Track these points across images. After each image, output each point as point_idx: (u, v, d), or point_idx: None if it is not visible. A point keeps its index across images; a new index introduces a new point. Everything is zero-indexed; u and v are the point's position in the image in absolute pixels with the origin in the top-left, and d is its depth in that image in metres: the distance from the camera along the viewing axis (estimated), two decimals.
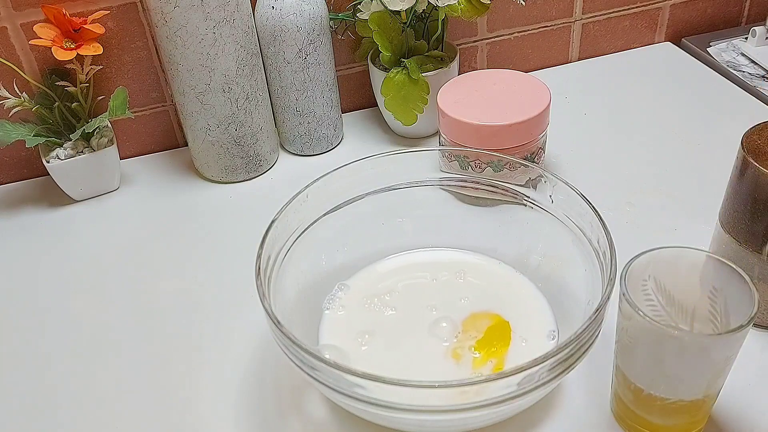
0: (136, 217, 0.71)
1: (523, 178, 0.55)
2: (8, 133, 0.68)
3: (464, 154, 0.59)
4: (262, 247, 0.48)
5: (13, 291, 0.64)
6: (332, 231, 0.56)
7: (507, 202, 0.57)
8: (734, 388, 0.49)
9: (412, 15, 0.70)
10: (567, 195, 0.52)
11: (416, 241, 0.59)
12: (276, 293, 0.49)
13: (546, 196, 0.54)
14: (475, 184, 0.58)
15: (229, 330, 0.57)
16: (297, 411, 0.51)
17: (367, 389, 0.41)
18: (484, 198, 0.58)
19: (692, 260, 0.44)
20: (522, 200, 0.56)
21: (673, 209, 0.65)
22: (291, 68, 0.70)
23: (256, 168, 0.74)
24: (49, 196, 0.74)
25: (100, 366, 0.56)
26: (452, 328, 0.52)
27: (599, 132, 0.77)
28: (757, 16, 0.93)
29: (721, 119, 0.77)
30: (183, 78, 0.67)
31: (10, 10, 0.68)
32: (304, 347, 0.42)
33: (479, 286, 0.56)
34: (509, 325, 0.52)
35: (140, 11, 0.72)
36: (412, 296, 0.56)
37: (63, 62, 0.68)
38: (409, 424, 0.45)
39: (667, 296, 0.46)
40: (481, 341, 0.51)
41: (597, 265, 0.48)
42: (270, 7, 0.68)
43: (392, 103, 0.71)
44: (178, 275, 0.64)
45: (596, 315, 0.42)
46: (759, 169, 0.46)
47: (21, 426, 0.52)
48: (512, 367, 0.40)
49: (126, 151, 0.79)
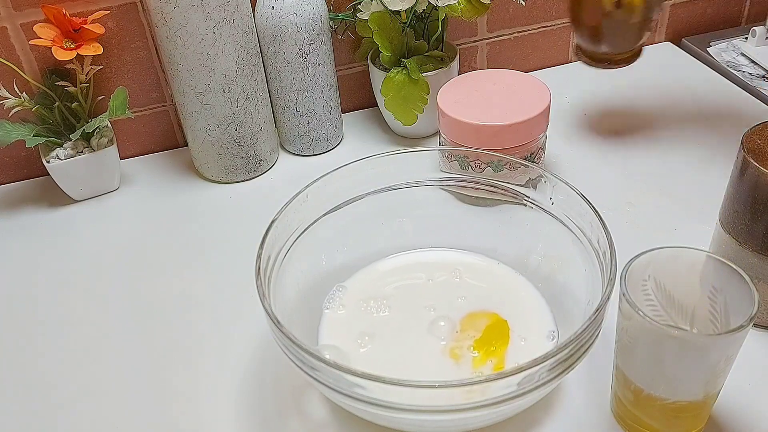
0: (136, 217, 0.71)
1: (523, 178, 0.55)
2: (8, 133, 0.69)
3: (464, 154, 0.59)
4: (262, 247, 0.48)
5: (13, 291, 0.64)
6: (332, 231, 0.56)
7: (507, 202, 0.57)
8: (735, 389, 0.49)
9: (412, 15, 0.70)
10: (567, 195, 0.52)
11: (416, 241, 0.59)
12: (276, 293, 0.49)
13: (546, 197, 0.54)
14: (475, 184, 0.58)
15: (229, 330, 0.57)
16: (297, 411, 0.51)
17: (367, 389, 0.41)
18: (484, 198, 0.58)
19: (692, 260, 0.44)
20: (522, 200, 0.56)
21: (673, 209, 0.65)
22: (291, 68, 0.70)
23: (256, 168, 0.74)
24: (49, 196, 0.74)
25: (100, 366, 0.56)
26: (450, 327, 0.52)
27: (599, 132, 0.77)
28: (757, 16, 0.93)
29: (721, 119, 0.77)
30: (183, 78, 0.67)
31: (10, 10, 0.68)
32: (304, 347, 0.42)
33: (478, 285, 0.56)
34: (507, 324, 0.52)
35: (140, 11, 0.72)
36: (411, 296, 0.56)
37: (63, 62, 0.68)
38: (409, 424, 0.45)
39: (667, 296, 0.46)
40: (479, 340, 0.51)
41: (597, 265, 0.48)
42: (270, 7, 0.68)
43: (392, 103, 0.72)
44: (178, 275, 0.64)
45: (596, 315, 0.42)
46: (759, 169, 0.46)
47: (20, 426, 0.52)
48: (512, 367, 0.40)
49: (126, 151, 0.79)
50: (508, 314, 0.53)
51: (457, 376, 0.49)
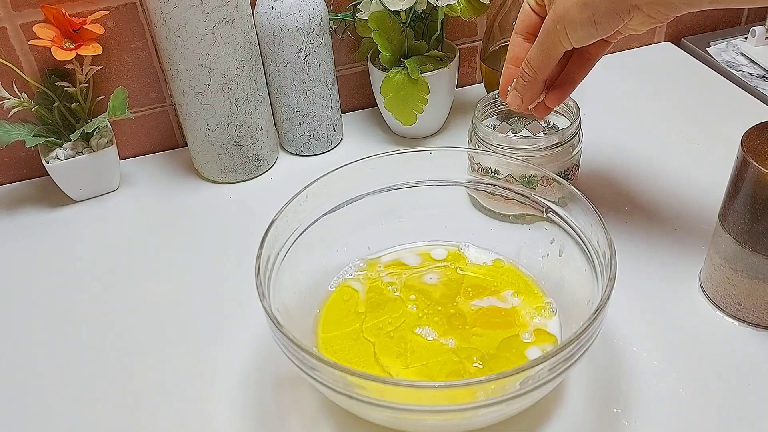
0: (136, 217, 0.71)
1: (555, 195, 0.54)
2: (8, 134, 0.69)
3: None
4: (262, 247, 0.48)
5: (14, 291, 0.64)
6: (332, 231, 0.56)
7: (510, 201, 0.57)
8: (733, 390, 0.49)
9: (412, 15, 0.70)
10: (567, 195, 0.52)
11: (416, 241, 0.59)
12: (276, 293, 0.49)
13: (546, 197, 0.54)
14: (476, 184, 0.58)
15: (229, 330, 0.57)
16: (297, 411, 0.51)
17: (367, 389, 0.41)
18: (486, 198, 0.58)
19: None
20: (525, 202, 0.56)
21: (673, 209, 0.65)
22: (291, 68, 0.70)
23: (256, 168, 0.74)
24: (49, 196, 0.74)
25: (100, 366, 0.56)
26: (450, 326, 0.52)
27: (599, 132, 0.76)
28: (757, 16, 0.93)
29: (721, 119, 0.77)
30: (183, 78, 0.67)
31: (10, 10, 0.68)
32: (304, 347, 0.42)
33: (477, 285, 0.56)
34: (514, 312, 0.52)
35: (140, 11, 0.72)
36: (410, 295, 0.55)
37: (63, 62, 0.68)
38: (409, 424, 0.45)
39: None
40: (482, 344, 0.51)
41: (597, 265, 0.48)
42: (270, 7, 0.68)
43: (392, 103, 0.72)
44: (178, 275, 0.64)
45: (596, 315, 0.42)
46: (759, 169, 0.46)
47: (20, 425, 0.52)
48: (513, 367, 0.40)
49: (126, 152, 0.79)
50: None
51: (458, 376, 0.49)
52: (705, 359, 0.51)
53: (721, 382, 0.50)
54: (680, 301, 0.56)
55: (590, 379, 0.50)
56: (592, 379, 0.50)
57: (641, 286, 0.57)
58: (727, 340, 0.53)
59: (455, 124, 0.80)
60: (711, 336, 0.53)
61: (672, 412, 0.48)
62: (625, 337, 0.53)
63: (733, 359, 0.51)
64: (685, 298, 0.56)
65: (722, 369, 0.51)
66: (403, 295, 0.55)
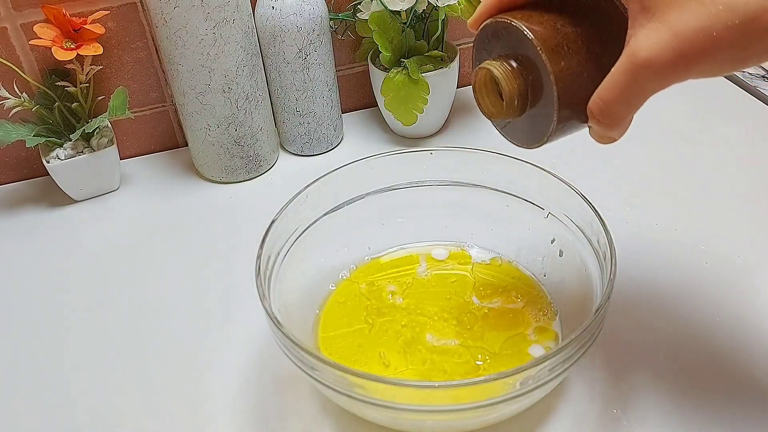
0: (136, 217, 0.71)
1: (556, 195, 0.54)
2: (8, 133, 0.69)
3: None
4: (262, 247, 0.48)
5: (14, 291, 0.64)
6: (332, 231, 0.56)
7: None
8: (733, 389, 0.49)
9: (412, 15, 0.70)
10: (567, 195, 0.52)
11: (416, 241, 0.59)
12: (276, 293, 0.49)
13: (546, 197, 0.54)
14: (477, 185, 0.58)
15: (229, 330, 0.57)
16: (297, 411, 0.51)
17: (367, 389, 0.41)
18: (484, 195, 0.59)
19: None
20: (523, 201, 0.56)
21: (673, 209, 0.65)
22: (291, 68, 0.70)
23: (256, 168, 0.74)
24: (49, 196, 0.74)
25: (100, 365, 0.56)
26: (449, 326, 0.52)
27: None
28: None
29: (721, 119, 0.77)
30: (183, 78, 0.67)
31: (10, 10, 0.68)
32: (304, 347, 0.42)
33: (477, 285, 0.56)
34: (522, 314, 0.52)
35: (140, 11, 0.72)
36: (410, 295, 0.56)
37: (63, 62, 0.68)
38: (409, 424, 0.45)
39: None
40: (484, 344, 0.51)
41: (597, 265, 0.48)
42: (270, 7, 0.68)
43: (392, 104, 0.72)
44: (178, 275, 0.64)
45: (596, 315, 0.42)
46: None
47: (20, 425, 0.52)
48: (513, 367, 0.40)
49: (126, 151, 0.79)
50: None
51: (458, 375, 0.49)
52: (705, 359, 0.51)
53: (722, 382, 0.50)
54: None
55: (590, 379, 0.50)
56: (592, 379, 0.50)
57: (641, 286, 0.57)
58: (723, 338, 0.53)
59: (455, 124, 0.80)
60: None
61: (672, 412, 0.48)
62: (625, 336, 0.53)
63: (733, 359, 0.51)
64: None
65: (722, 369, 0.51)
66: (402, 294, 0.55)
